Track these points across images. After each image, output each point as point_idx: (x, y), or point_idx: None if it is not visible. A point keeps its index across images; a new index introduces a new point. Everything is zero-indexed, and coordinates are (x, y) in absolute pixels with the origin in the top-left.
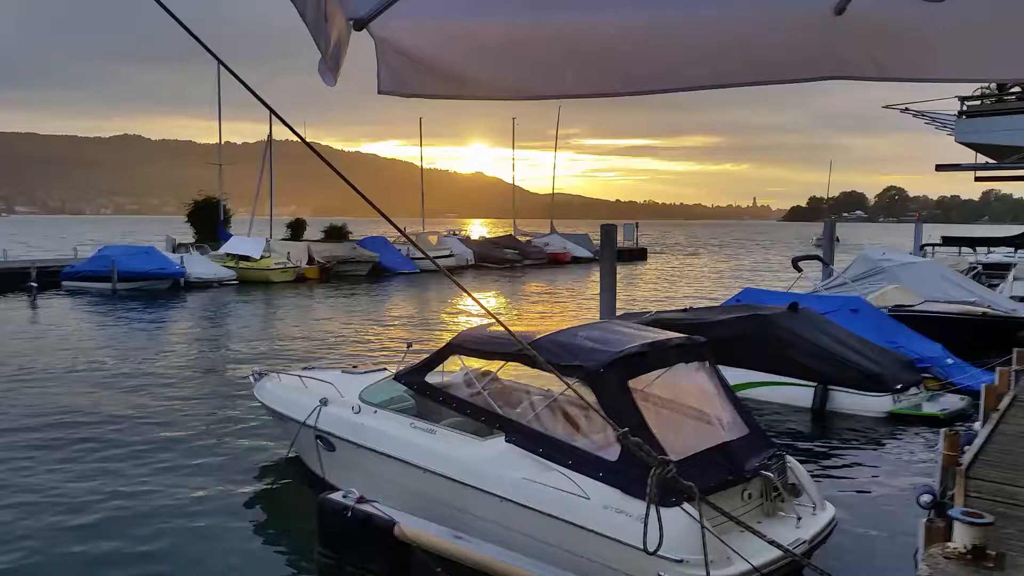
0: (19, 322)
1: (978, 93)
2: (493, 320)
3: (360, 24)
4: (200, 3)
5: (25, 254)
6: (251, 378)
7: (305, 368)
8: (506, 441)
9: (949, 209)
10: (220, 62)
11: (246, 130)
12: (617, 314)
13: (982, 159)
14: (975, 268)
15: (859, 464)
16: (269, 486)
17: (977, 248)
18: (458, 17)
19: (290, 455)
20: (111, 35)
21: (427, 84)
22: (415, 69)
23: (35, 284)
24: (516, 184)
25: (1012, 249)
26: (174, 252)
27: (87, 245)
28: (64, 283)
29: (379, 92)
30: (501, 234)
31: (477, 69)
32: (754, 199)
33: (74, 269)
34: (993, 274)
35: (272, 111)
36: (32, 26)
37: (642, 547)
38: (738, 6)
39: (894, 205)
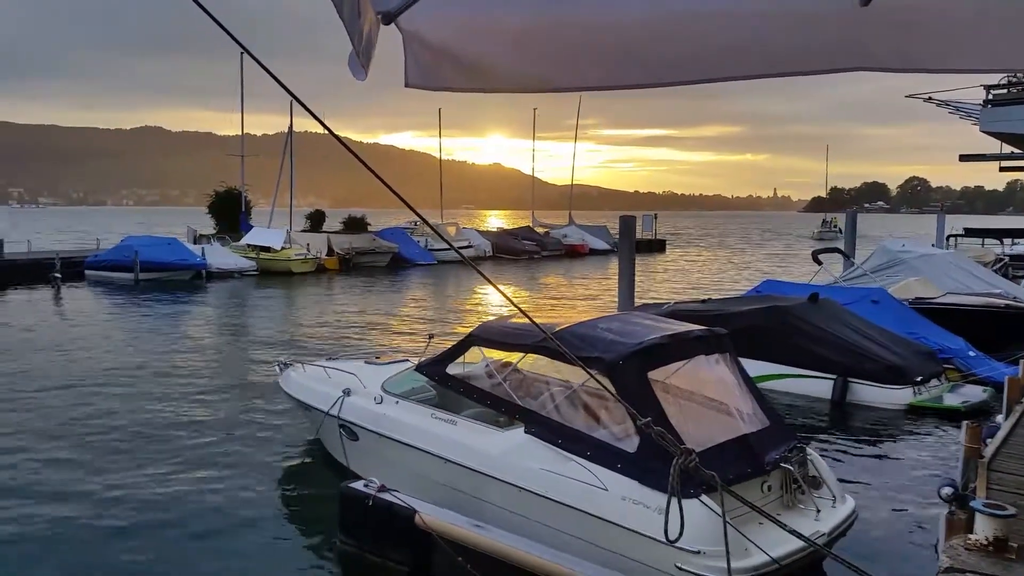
0: (44, 312)
1: (1004, 82)
2: (515, 311)
3: (389, 18)
4: None
5: (49, 245)
6: (276, 368)
7: (329, 359)
8: (526, 432)
9: (973, 199)
10: (244, 49)
11: (265, 122)
12: (635, 305)
13: (1007, 149)
14: (1002, 260)
15: (879, 456)
16: (292, 474)
17: (1003, 240)
18: (484, 11)
19: (312, 440)
20: (131, 27)
21: (453, 78)
22: (441, 63)
23: (59, 275)
24: (535, 175)
25: None
26: (195, 243)
27: (111, 235)
28: (88, 273)
29: (406, 86)
30: (519, 225)
31: (502, 62)
32: (774, 190)
33: (97, 259)
34: (1020, 265)
35: (295, 97)
36: (51, 18)
37: (659, 538)
38: None
39: (916, 195)
